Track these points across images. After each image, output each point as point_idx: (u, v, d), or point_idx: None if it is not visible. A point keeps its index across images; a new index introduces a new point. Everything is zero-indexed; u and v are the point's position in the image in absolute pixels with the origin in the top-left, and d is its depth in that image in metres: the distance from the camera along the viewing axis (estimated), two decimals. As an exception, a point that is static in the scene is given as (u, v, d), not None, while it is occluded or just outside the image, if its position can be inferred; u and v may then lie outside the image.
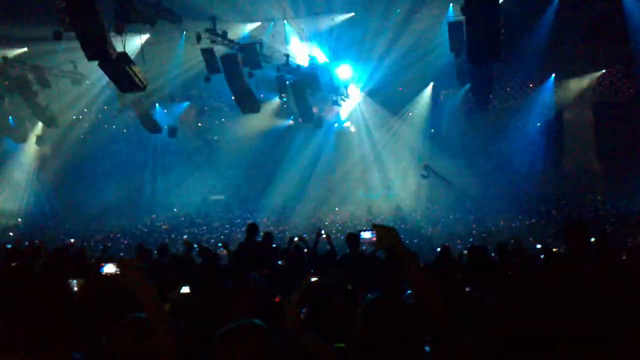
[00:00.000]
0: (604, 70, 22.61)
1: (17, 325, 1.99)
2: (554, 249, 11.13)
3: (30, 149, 27.38)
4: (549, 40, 18.91)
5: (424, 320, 2.68)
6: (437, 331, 2.77)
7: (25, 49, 19.37)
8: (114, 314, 2.92)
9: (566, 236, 5.52)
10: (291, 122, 28.23)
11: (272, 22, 19.59)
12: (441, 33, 18.26)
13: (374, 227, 2.90)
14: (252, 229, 8.97)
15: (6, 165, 27.70)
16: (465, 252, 9.52)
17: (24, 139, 25.26)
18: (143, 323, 2.49)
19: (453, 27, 15.76)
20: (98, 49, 11.67)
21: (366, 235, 2.73)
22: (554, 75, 22.84)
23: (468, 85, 23.12)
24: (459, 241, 17.00)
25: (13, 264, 7.44)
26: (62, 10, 11.31)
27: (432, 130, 26.63)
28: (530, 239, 17.03)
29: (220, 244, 15.12)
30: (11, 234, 21.35)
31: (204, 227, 23.69)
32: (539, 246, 10.90)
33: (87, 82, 21.66)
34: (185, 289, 4.08)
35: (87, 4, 10.79)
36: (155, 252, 9.34)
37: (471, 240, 16.82)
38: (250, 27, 19.28)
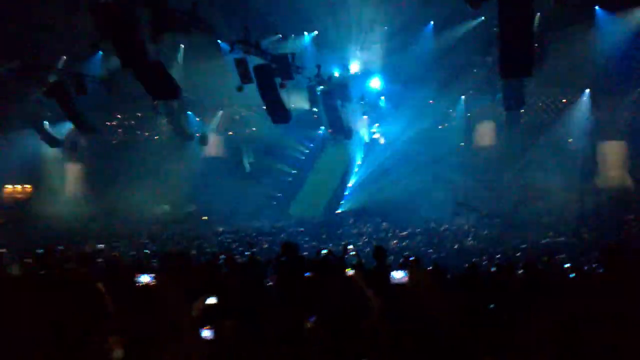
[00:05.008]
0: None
1: (44, 330, 2.03)
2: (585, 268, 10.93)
3: (66, 154, 27.88)
4: (584, 55, 18.63)
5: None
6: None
7: (64, 57, 19.81)
8: (147, 322, 2.93)
9: (603, 258, 5.42)
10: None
11: (305, 33, 19.73)
12: (474, 45, 18.24)
13: (407, 267, 2.87)
14: (290, 248, 8.70)
15: (44, 170, 28.22)
16: (493, 269, 9.40)
17: (59, 144, 25.74)
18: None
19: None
20: (133, 57, 11.89)
21: (397, 275, 2.65)
22: (588, 90, 22.47)
23: (499, 100, 23.01)
24: (484, 257, 16.78)
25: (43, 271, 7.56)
26: (100, 19, 11.55)
27: (462, 144, 26.42)
28: (561, 256, 16.75)
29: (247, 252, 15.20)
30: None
31: (231, 235, 23.80)
32: (567, 265, 10.66)
33: (123, 88, 21.99)
34: (212, 300, 4.06)
35: (124, 14, 11.00)
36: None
37: (498, 257, 16.56)
38: (283, 37, 19.44)
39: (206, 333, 3.21)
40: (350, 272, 6.26)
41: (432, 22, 19.53)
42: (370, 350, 4.63)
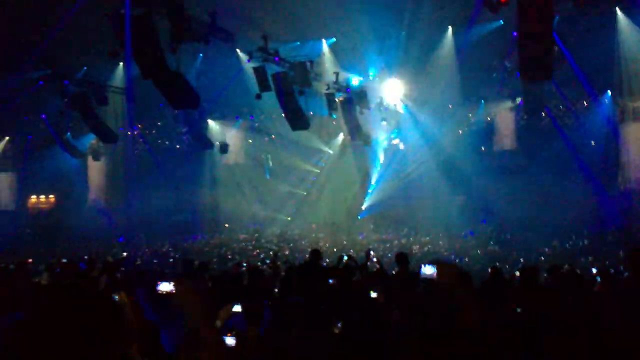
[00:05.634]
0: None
1: (62, 338, 2.05)
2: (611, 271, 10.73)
3: (88, 164, 28.20)
4: (606, 56, 18.40)
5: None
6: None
7: (85, 68, 20.07)
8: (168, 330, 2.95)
9: (628, 260, 5.31)
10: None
11: (323, 40, 19.76)
12: (493, 49, 18.10)
13: (436, 263, 2.84)
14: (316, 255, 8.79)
15: (67, 181, 28.56)
16: (517, 273, 9.29)
17: (81, 155, 26.05)
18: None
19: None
20: (152, 68, 12.00)
21: (427, 270, 2.60)
22: (609, 92, 22.16)
23: (520, 103, 22.80)
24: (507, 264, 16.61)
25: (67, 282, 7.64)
26: (120, 29, 11.68)
27: (483, 149, 26.22)
28: (587, 258, 16.54)
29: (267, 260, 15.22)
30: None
31: (252, 242, 23.90)
32: (595, 270, 10.48)
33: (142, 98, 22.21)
34: (237, 308, 4.06)
35: (143, 24, 11.11)
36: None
37: (522, 261, 16.39)
38: (301, 45, 19.50)
39: (229, 340, 3.21)
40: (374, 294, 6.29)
41: (450, 27, 19.44)
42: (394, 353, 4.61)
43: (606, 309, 5.27)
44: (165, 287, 2.49)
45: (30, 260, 12.27)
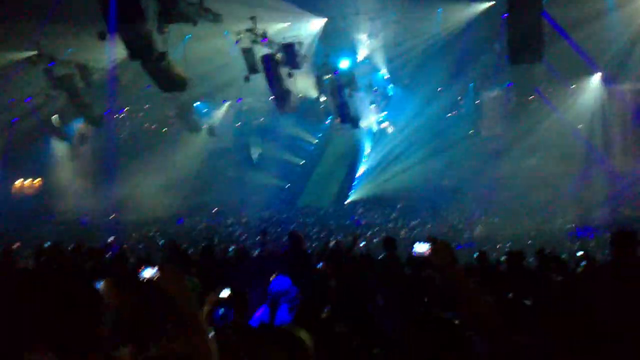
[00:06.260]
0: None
1: (41, 326, 2.01)
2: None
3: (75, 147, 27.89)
4: (595, 39, 18.34)
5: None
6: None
7: (71, 49, 19.74)
8: (152, 319, 2.89)
9: (612, 245, 5.28)
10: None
11: (312, 21, 19.56)
12: (483, 32, 18.00)
13: (430, 240, 2.79)
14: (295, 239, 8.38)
15: (53, 164, 28.28)
16: (503, 257, 9.33)
17: (68, 138, 25.77)
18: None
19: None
20: (140, 49, 11.84)
21: (420, 248, 2.55)
22: (600, 74, 22.16)
23: (509, 86, 22.77)
24: (498, 246, 16.67)
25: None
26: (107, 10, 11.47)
27: (472, 132, 26.26)
28: (574, 242, 16.63)
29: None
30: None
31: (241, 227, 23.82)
32: (580, 253, 10.52)
33: (128, 80, 21.94)
34: (226, 292, 3.98)
35: (131, 5, 10.93)
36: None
37: (509, 244, 16.45)
38: (290, 26, 19.28)
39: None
40: None
41: (440, 8, 19.31)
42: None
43: (586, 291, 5.27)
44: (148, 273, 2.42)
45: (18, 244, 12.11)
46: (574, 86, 23.41)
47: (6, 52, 18.73)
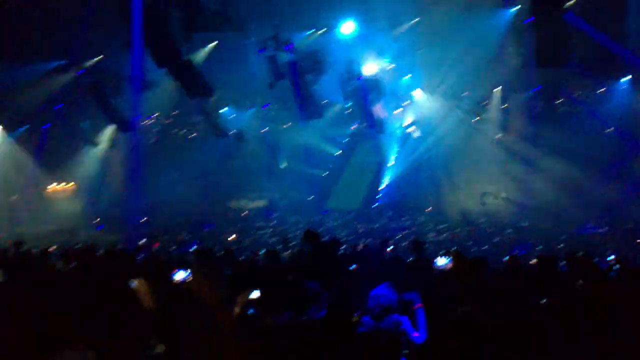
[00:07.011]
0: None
1: (79, 325, 2.09)
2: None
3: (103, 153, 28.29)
4: (624, 42, 18.06)
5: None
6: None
7: (101, 56, 20.14)
8: (184, 319, 2.97)
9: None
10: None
11: (336, 29, 19.62)
12: (509, 36, 17.87)
13: (451, 255, 2.84)
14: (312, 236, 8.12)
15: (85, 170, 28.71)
16: (534, 261, 9.24)
17: (96, 143, 26.21)
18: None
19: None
20: (167, 57, 12.07)
21: (441, 261, 2.57)
22: (630, 77, 21.79)
23: (536, 89, 22.54)
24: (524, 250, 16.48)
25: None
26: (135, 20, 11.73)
27: (498, 136, 26.01)
28: (605, 246, 16.38)
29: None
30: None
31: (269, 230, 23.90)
32: (611, 257, 10.36)
33: (158, 88, 22.24)
34: (256, 294, 4.04)
35: (158, 14, 11.16)
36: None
37: (540, 247, 16.27)
38: (313, 34, 19.38)
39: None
40: None
41: (465, 13, 19.22)
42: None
43: (620, 295, 5.23)
44: (181, 275, 2.51)
45: (54, 247, 12.37)
46: (603, 89, 23.08)
47: (37, 60, 19.17)
